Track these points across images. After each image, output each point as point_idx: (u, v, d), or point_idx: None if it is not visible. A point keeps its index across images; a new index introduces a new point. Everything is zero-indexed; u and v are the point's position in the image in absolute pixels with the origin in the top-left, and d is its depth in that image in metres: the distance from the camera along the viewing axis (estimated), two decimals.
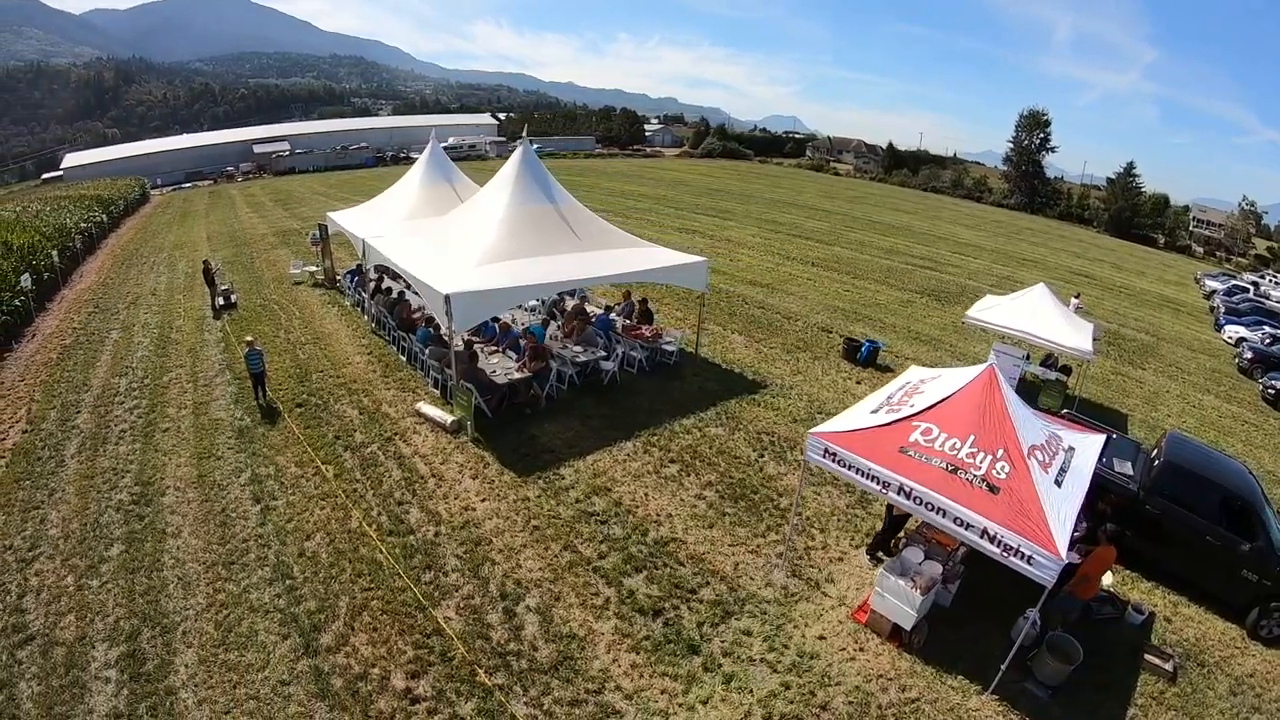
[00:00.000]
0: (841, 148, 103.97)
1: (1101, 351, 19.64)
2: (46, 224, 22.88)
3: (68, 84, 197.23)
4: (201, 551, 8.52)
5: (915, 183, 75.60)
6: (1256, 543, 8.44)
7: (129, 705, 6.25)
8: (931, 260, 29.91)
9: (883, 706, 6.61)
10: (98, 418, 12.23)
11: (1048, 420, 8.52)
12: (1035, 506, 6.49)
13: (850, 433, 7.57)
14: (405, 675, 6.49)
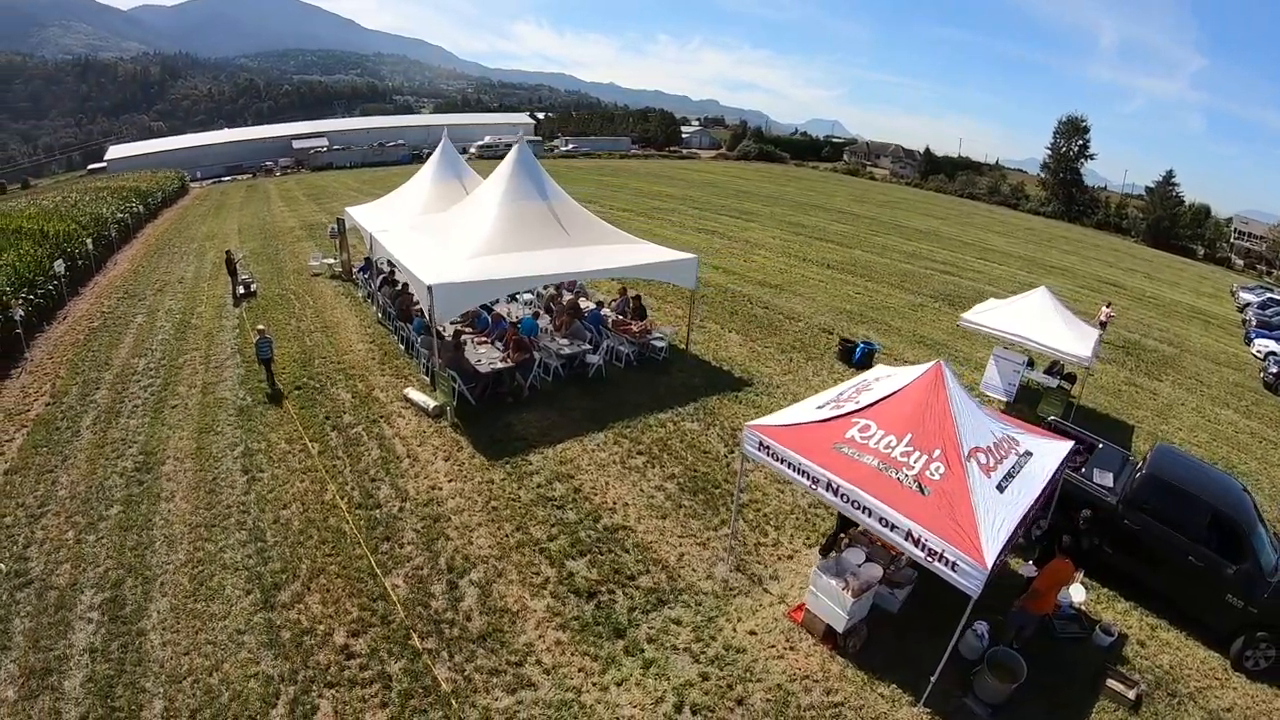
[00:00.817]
0: (879, 152, 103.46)
1: (1116, 361, 19.44)
2: (83, 214, 24.72)
3: (114, 78, 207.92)
4: (189, 514, 9.41)
5: (951, 189, 74.94)
6: (1243, 565, 8.00)
7: (104, 642, 7.10)
8: (953, 265, 29.71)
9: (802, 707, 6.67)
10: (114, 394, 13.37)
11: (1007, 423, 8.23)
12: (966, 511, 6.29)
13: (787, 427, 7.65)
14: (347, 633, 7.19)
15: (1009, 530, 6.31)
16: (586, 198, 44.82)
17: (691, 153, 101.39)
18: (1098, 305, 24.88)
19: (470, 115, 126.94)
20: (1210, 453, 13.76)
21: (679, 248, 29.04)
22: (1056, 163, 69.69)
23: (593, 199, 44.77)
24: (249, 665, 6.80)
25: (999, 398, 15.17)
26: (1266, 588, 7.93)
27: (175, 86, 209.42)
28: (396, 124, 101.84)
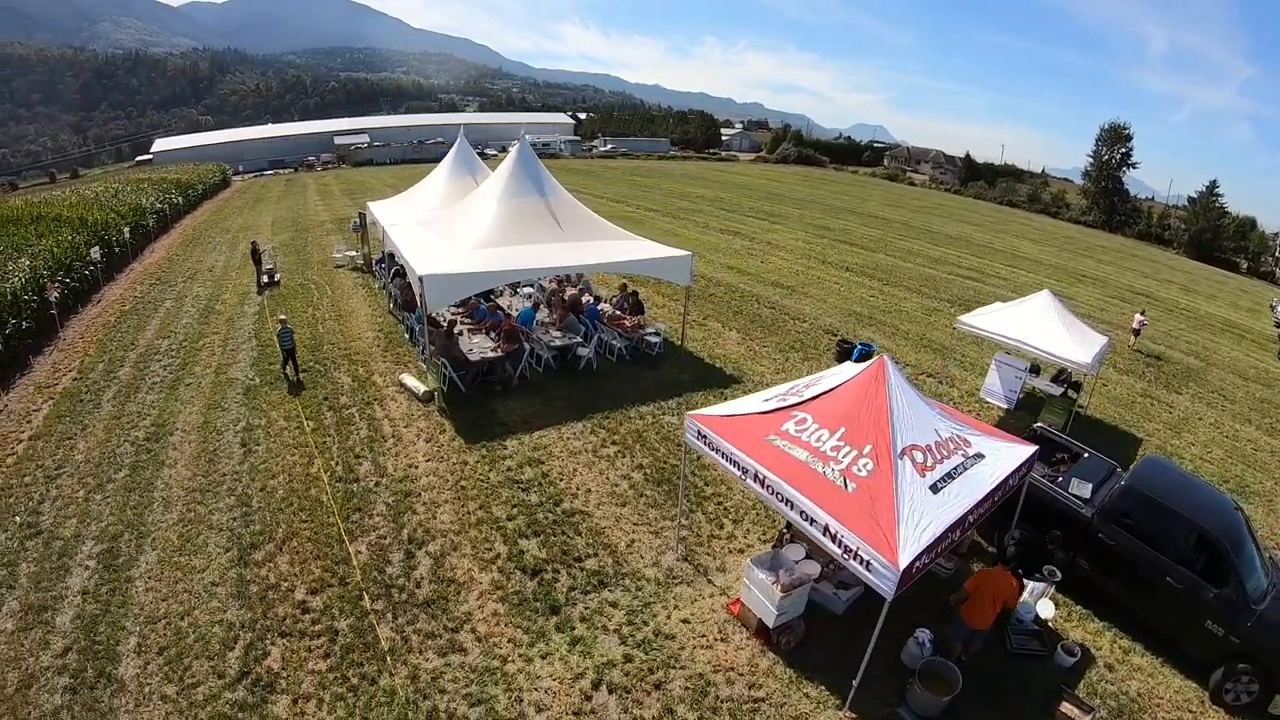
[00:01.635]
0: (920, 157, 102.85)
1: (1134, 372, 19.12)
2: (122, 204, 26.59)
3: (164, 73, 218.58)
4: (187, 480, 10.36)
5: (991, 195, 74.20)
6: (1224, 590, 7.56)
7: (95, 586, 8.01)
8: (978, 272, 29.43)
9: (720, 699, 6.79)
10: (136, 371, 14.57)
11: (963, 423, 7.97)
12: (888, 509, 6.21)
13: (726, 417, 7.82)
14: (307, 590, 7.94)
15: (935, 533, 6.17)
16: (616, 197, 45.97)
17: (730, 155, 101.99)
18: (1127, 315, 24.45)
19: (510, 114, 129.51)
20: (1223, 470, 13.47)
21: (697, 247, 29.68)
22: (1098, 171, 68.86)
23: (621, 199, 45.62)
24: (216, 613, 7.60)
25: (999, 405, 15.14)
26: (1250, 616, 7.42)
27: (224, 82, 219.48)
28: (436, 122, 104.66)
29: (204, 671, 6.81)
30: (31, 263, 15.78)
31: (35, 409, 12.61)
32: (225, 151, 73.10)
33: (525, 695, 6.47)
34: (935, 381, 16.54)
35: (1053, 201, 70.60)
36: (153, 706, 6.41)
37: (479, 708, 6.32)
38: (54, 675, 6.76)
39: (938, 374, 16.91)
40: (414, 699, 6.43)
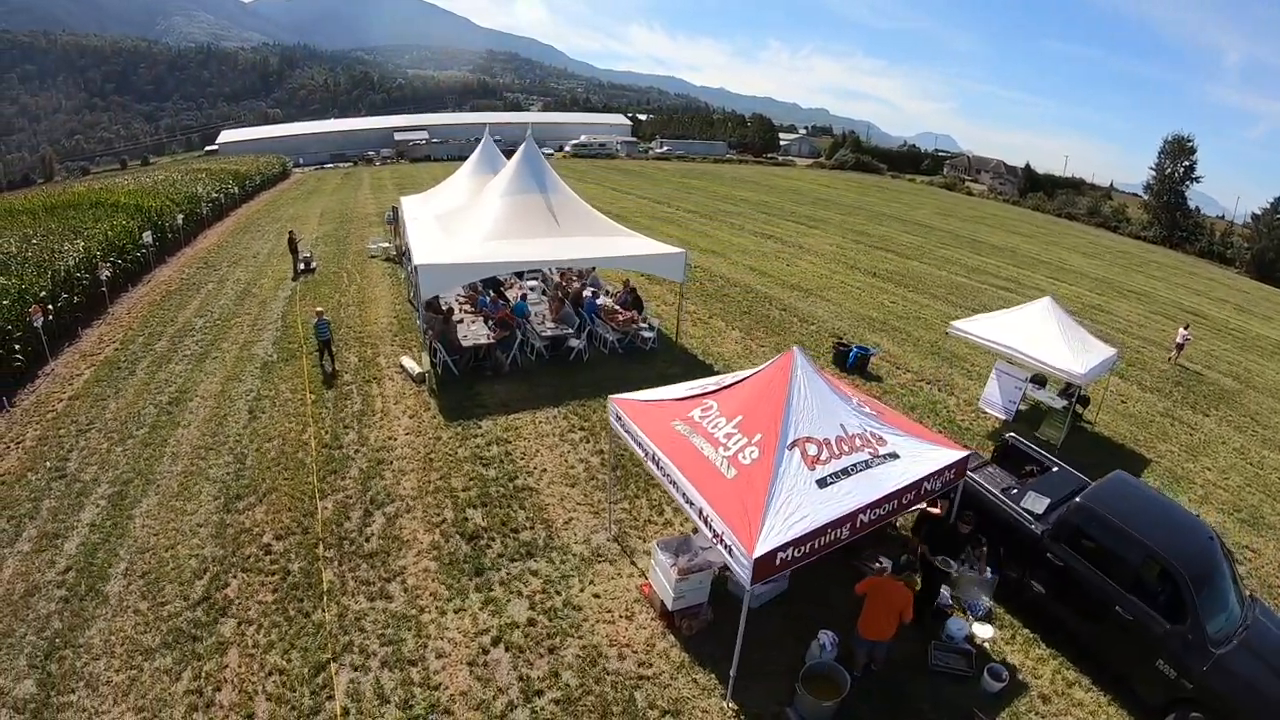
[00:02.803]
0: (980, 167, 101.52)
1: (1159, 390, 18.64)
2: (179, 192, 29.25)
3: (235, 66, 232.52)
4: (196, 440, 11.83)
5: (1049, 207, 72.35)
6: (1179, 627, 6.99)
7: (101, 520, 9.47)
8: (1014, 282, 28.96)
9: (608, 671, 7.16)
10: (171, 344, 16.38)
11: (887, 421, 7.89)
12: (759, 498, 6.31)
13: (644, 402, 8.32)
14: (273, 536, 9.16)
15: (810, 527, 6.20)
16: (658, 198, 47.00)
17: (788, 160, 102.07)
18: (1169, 331, 23.75)
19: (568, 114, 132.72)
20: (1237, 498, 13.02)
21: (727, 249, 30.30)
22: (1160, 185, 66.40)
23: (664, 199, 46.59)
24: (195, 549, 8.90)
25: (997, 415, 15.13)
26: (1207, 659, 6.77)
27: (293, 76, 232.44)
28: (493, 120, 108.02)
29: (173, 594, 8.07)
30: (86, 244, 17.92)
31: (78, 374, 14.46)
32: (288, 144, 77.79)
33: (430, 642, 7.39)
34: (934, 389, 16.71)
35: (1113, 215, 68.26)
36: (125, 617, 7.68)
37: (388, 647, 7.30)
38: (53, 588, 8.15)
39: (937, 381, 17.07)
40: (335, 633, 7.49)
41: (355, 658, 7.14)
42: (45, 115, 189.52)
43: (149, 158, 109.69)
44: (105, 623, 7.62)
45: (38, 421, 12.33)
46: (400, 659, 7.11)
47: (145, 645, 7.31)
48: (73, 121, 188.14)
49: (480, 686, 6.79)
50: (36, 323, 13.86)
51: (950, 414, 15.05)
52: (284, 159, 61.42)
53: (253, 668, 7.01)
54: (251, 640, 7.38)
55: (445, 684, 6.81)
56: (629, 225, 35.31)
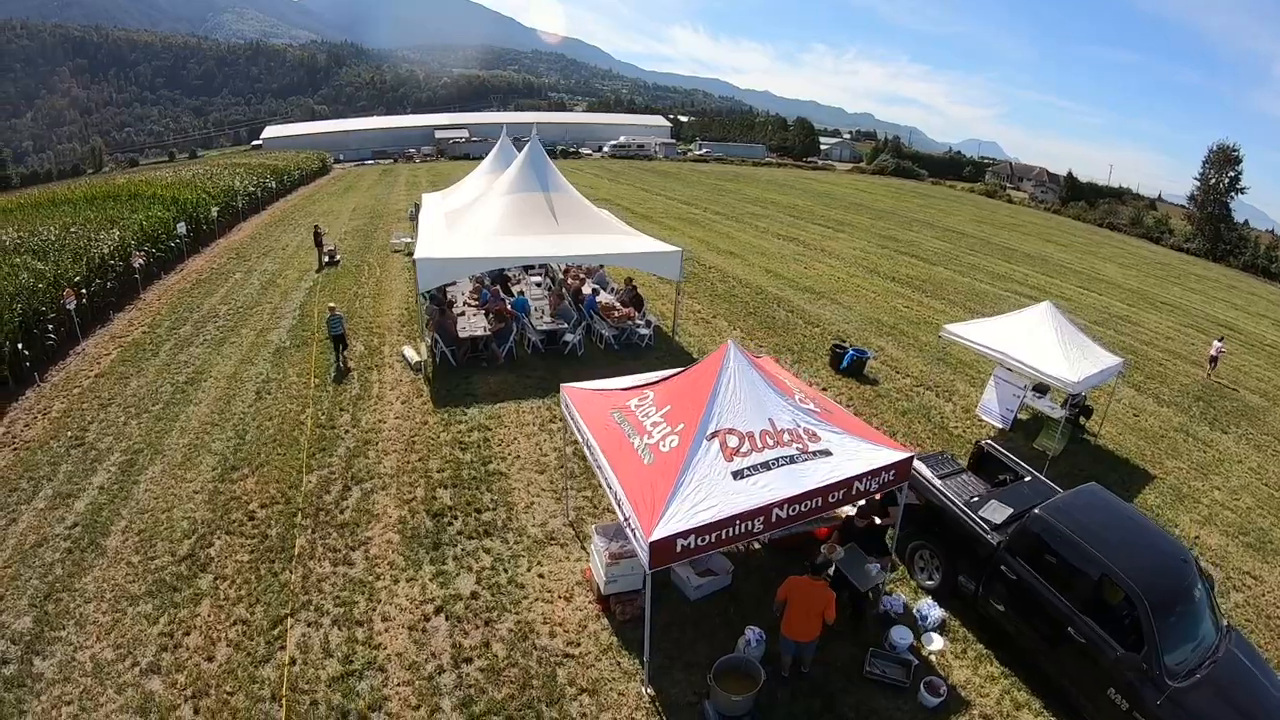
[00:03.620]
0: (1023, 175, 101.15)
1: (1177, 404, 18.23)
2: (215, 186, 31.05)
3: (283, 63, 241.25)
4: (204, 417, 12.87)
5: (1091, 217, 70.70)
6: (1133, 655, 6.61)
7: (109, 483, 10.53)
8: (1041, 290, 28.54)
9: (537, 647, 7.58)
10: (194, 329, 17.63)
11: (823, 419, 7.79)
12: (667, 485, 6.48)
13: (590, 391, 8.77)
14: (259, 504, 10.05)
15: (716, 517, 6.30)
16: (687, 199, 47.57)
17: (827, 164, 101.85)
18: (1200, 345, 23.26)
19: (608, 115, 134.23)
20: (1245, 520, 12.38)
21: (746, 250, 30.63)
22: (1204, 195, 64.71)
23: (692, 201, 47.11)
24: (189, 512, 9.84)
25: (994, 423, 15.00)
26: (1163, 692, 6.37)
27: (339, 73, 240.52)
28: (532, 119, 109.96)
29: (163, 550, 8.99)
30: (121, 234, 19.38)
31: (106, 354, 15.75)
32: (330, 141, 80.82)
33: (379, 607, 8.10)
34: (932, 394, 16.78)
35: (1155, 226, 66.45)
36: (118, 568, 8.62)
37: (341, 608, 8.04)
38: (60, 540, 9.16)
39: (936, 387, 17.14)
40: (297, 592, 8.27)
41: (310, 615, 7.90)
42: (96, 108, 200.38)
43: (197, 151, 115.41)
44: (100, 572, 8.57)
45: (64, 396, 13.57)
46: (350, 619, 7.85)
47: (131, 593, 8.21)
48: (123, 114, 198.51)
49: (416, 650, 7.46)
50: (69, 305, 15.19)
51: (944, 420, 15.11)
52: (324, 155, 63.90)
53: (220, 617, 7.84)
54: (223, 594, 8.22)
55: (385, 645, 7.51)
56: (653, 225, 36.14)
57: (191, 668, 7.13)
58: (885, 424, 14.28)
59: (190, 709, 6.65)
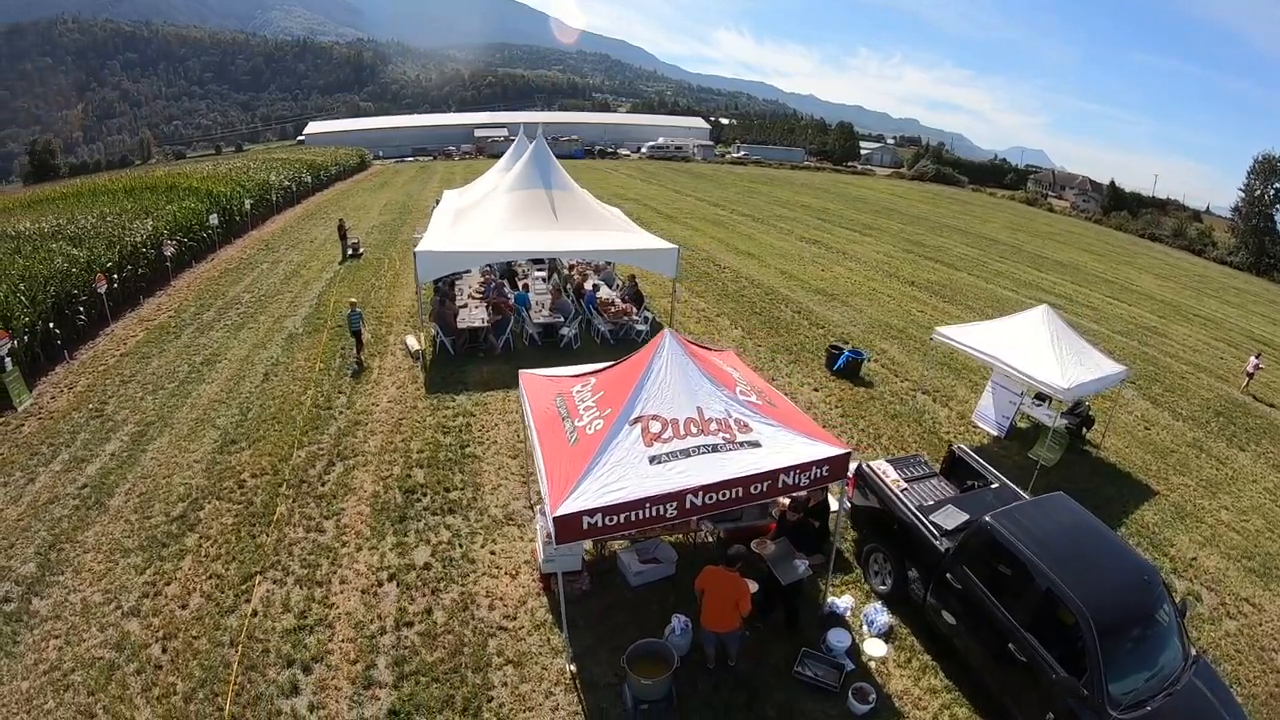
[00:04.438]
0: (1066, 183, 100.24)
1: (1196, 418, 17.63)
2: (251, 179, 32.73)
3: (330, 60, 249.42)
4: (213, 395, 13.92)
5: (1132, 227, 69.06)
6: (1074, 680, 6.26)
7: (120, 451, 11.61)
8: (1066, 299, 28.12)
9: (475, 617, 8.06)
10: (216, 315, 18.86)
11: (758, 410, 7.80)
12: (581, 465, 6.74)
13: (542, 377, 9.18)
14: (250, 474, 10.94)
15: (625, 498, 6.49)
16: (715, 201, 48.01)
17: (866, 169, 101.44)
18: (1233, 361, 22.70)
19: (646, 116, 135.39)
20: (1251, 544, 11.63)
21: (766, 251, 30.90)
22: (1249, 207, 63.07)
23: (720, 202, 47.51)
24: (187, 479, 10.79)
25: (990, 431, 14.78)
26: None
27: (385, 71, 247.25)
28: (572, 119, 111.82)
29: (158, 511, 9.94)
30: (154, 224, 20.81)
31: (132, 335, 17.05)
32: (371, 137, 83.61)
33: (339, 570, 8.83)
34: (929, 399, 16.77)
35: (1198, 238, 64.58)
36: (117, 524, 9.59)
37: (305, 570, 8.80)
38: (70, 498, 10.20)
39: (933, 392, 17.14)
40: (268, 553, 9.09)
41: (277, 574, 8.68)
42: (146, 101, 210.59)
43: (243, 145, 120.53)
44: (101, 527, 9.53)
45: (90, 372, 14.81)
46: (312, 580, 8.60)
47: (125, 546, 9.14)
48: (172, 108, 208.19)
49: (364, 611, 8.15)
50: (100, 289, 16.51)
51: (935, 425, 15.03)
52: (363, 151, 66.21)
53: (198, 571, 8.68)
54: (205, 551, 9.08)
55: (338, 605, 8.22)
56: (677, 226, 36.66)
57: (166, 614, 7.96)
58: (872, 426, 14.41)
59: (159, 648, 7.46)
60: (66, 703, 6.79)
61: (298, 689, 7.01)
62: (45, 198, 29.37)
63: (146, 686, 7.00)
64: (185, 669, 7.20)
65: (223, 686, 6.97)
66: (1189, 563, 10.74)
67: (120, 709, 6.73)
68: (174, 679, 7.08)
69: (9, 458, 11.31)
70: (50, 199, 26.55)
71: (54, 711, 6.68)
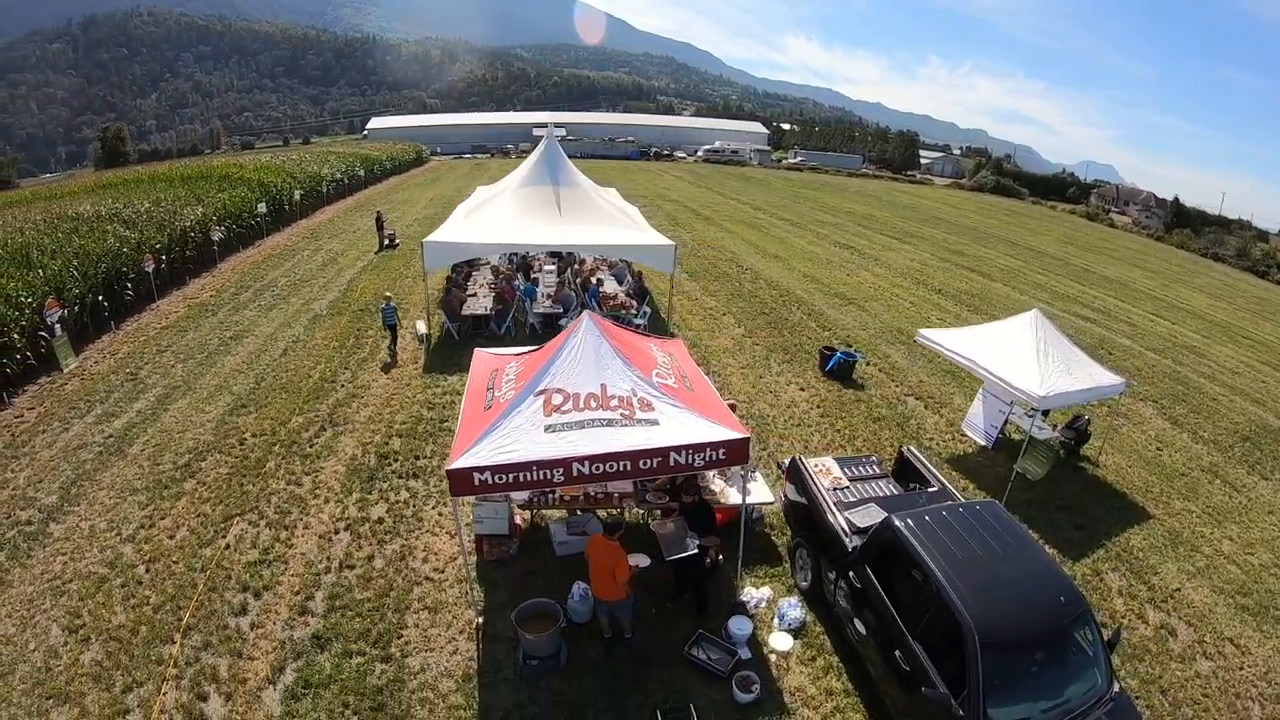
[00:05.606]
0: (1129, 199, 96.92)
1: (1220, 444, 16.82)
2: (303, 171, 35.14)
3: (398, 56, 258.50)
4: (235, 365, 15.56)
5: (1194, 246, 66.00)
6: (947, 694, 6.01)
7: (146, 408, 13.30)
8: (1103, 314, 27.50)
9: (409, 567, 8.97)
10: (253, 296, 20.72)
11: (667, 393, 8.05)
12: (482, 428, 7.41)
13: (489, 354, 9.98)
14: (251, 434, 12.38)
15: (514, 460, 6.99)
16: (758, 205, 48.56)
17: (925, 178, 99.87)
18: (1275, 384, 21.95)
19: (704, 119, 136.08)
20: (1251, 579, 10.74)
21: (794, 254, 31.32)
22: None
23: (762, 206, 47.97)
24: (198, 436, 12.30)
25: (978, 440, 14.49)
26: None
27: (452, 69, 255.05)
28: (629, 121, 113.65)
29: (168, 459, 11.46)
30: (203, 210, 22.93)
31: (175, 311, 19.02)
32: (430, 134, 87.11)
33: (305, 518, 10.04)
34: (920, 405, 16.82)
35: (1261, 259, 60.83)
36: (131, 469, 11.16)
37: (278, 515, 10.07)
38: (95, 446, 11.84)
39: (926, 398, 17.22)
40: (250, 499, 10.44)
41: (253, 517, 9.99)
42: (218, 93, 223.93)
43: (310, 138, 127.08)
44: (117, 470, 11.10)
45: (132, 341, 16.74)
46: (280, 524, 9.86)
47: (134, 486, 10.65)
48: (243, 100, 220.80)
49: (316, 552, 9.33)
50: (148, 268, 18.52)
51: (920, 431, 14.88)
52: (419, 147, 69.27)
53: (189, 510, 10.08)
54: (198, 495, 10.49)
55: (296, 545, 9.45)
56: (711, 227, 37.38)
57: (155, 542, 9.36)
58: (849, 428, 14.57)
59: (144, 569, 8.83)
60: (61, 605, 8.20)
61: (246, 610, 8.23)
62: (110, 183, 32.32)
63: (126, 597, 8.35)
64: (160, 586, 8.53)
65: (186, 602, 8.25)
66: (1170, 593, 10.06)
67: (101, 612, 8.10)
68: (149, 593, 8.42)
69: (51, 410, 13.12)
70: (113, 184, 29.33)
71: (50, 610, 8.09)
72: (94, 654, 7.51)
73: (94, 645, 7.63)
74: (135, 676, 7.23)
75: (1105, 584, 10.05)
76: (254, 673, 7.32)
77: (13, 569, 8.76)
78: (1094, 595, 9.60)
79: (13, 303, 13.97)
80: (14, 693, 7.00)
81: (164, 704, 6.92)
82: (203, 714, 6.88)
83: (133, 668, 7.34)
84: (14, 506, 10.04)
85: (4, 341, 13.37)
